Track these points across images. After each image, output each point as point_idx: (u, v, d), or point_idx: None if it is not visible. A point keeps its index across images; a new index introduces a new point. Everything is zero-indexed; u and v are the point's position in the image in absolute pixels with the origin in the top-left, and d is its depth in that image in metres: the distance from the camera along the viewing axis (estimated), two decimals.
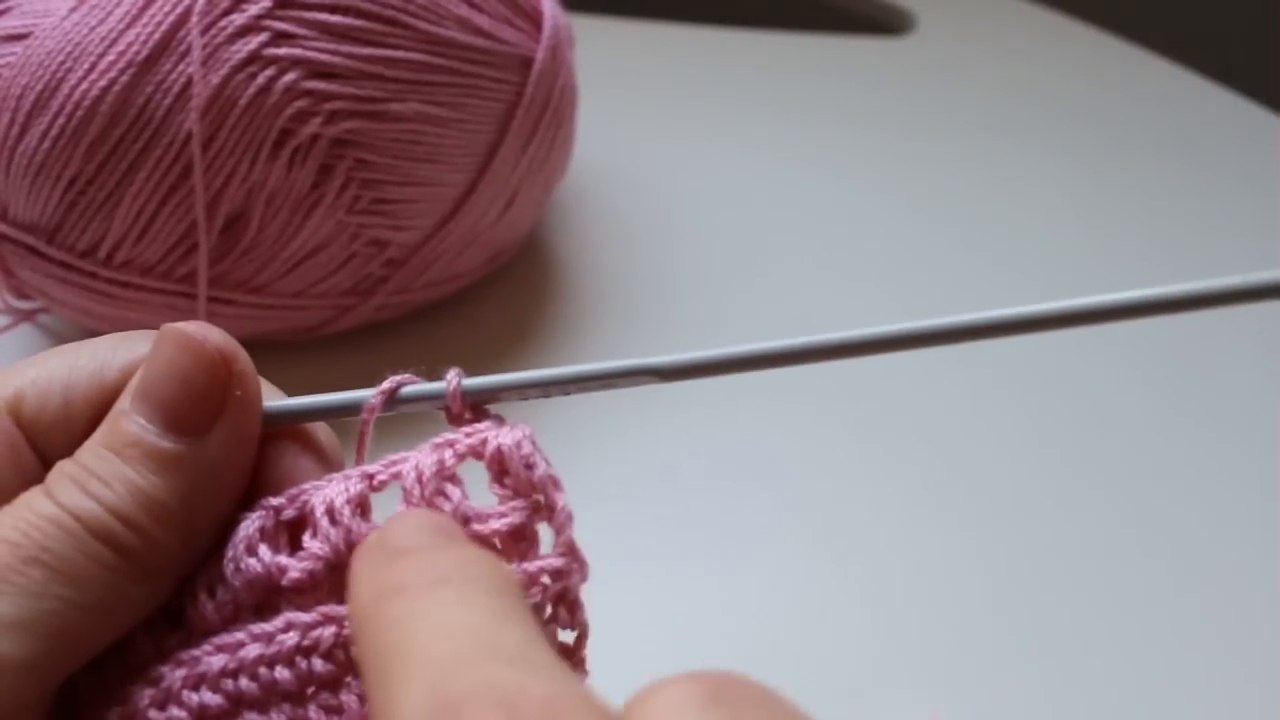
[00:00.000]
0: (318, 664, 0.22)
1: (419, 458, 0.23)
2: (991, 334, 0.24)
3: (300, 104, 0.45)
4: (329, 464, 0.25)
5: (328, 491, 0.23)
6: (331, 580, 0.23)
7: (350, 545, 0.22)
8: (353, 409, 0.24)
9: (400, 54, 0.47)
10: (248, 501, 0.24)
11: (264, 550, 0.23)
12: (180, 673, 0.22)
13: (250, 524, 0.23)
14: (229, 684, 0.22)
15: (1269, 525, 0.48)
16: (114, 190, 0.45)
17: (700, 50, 0.79)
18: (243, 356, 0.23)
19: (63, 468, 0.22)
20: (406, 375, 0.24)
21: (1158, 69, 0.79)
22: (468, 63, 0.49)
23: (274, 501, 0.23)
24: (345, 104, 0.46)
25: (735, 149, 0.69)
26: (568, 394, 0.24)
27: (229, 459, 0.23)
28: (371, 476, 0.23)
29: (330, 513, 0.23)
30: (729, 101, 0.74)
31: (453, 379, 0.24)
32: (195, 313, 0.48)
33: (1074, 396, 0.55)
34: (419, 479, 0.23)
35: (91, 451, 0.23)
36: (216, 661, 0.22)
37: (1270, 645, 0.44)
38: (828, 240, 0.63)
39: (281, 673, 0.22)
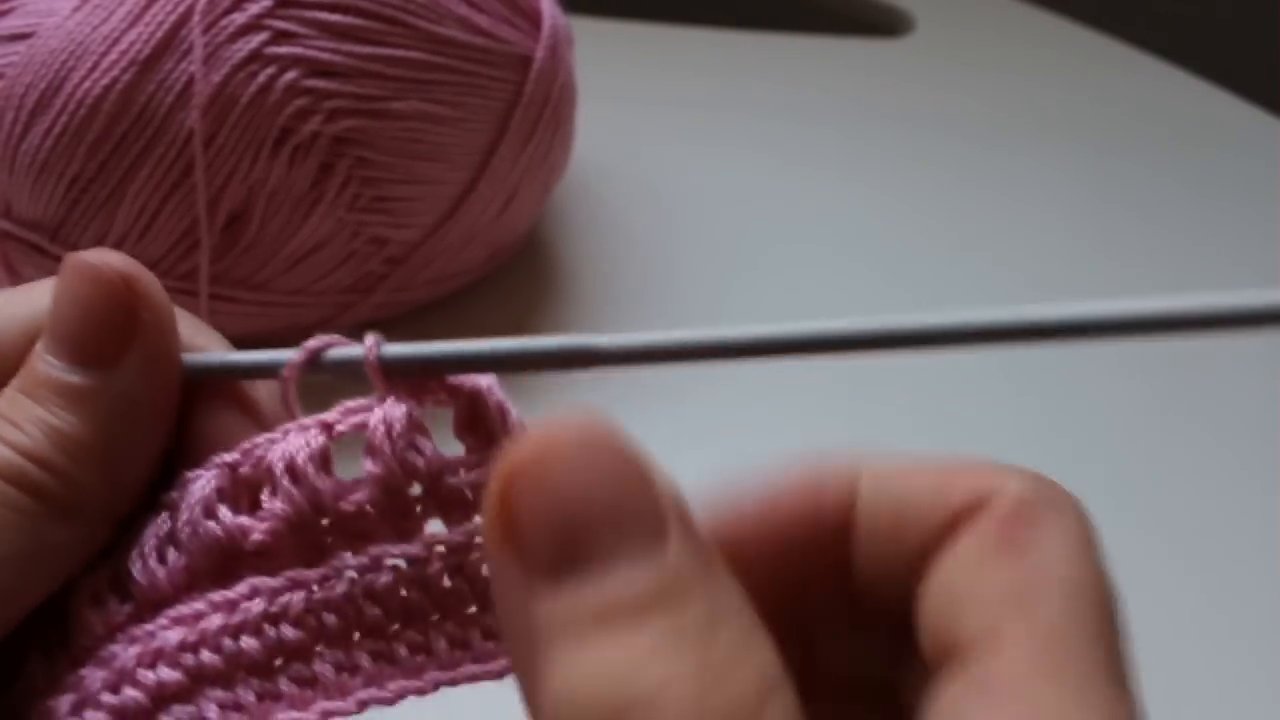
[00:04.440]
0: (287, 631, 0.20)
1: (387, 409, 0.21)
2: (991, 339, 0.21)
3: (301, 102, 0.46)
4: (267, 425, 0.23)
5: (286, 446, 0.21)
6: (295, 541, 0.21)
7: (315, 503, 0.21)
8: (273, 369, 0.22)
9: (400, 53, 0.48)
10: (186, 459, 0.22)
11: (224, 511, 0.21)
12: (134, 650, 0.20)
13: (204, 483, 0.21)
14: (188, 658, 0.20)
15: (1269, 524, 0.48)
16: (116, 188, 0.46)
17: (699, 51, 0.79)
18: (147, 278, 0.22)
19: None
20: (334, 337, 0.22)
21: (1156, 71, 0.79)
22: (467, 61, 0.49)
23: (228, 458, 0.21)
24: (345, 102, 0.47)
25: (733, 149, 0.70)
26: (501, 374, 0.22)
27: (145, 387, 0.21)
28: (330, 426, 0.22)
29: (291, 469, 0.21)
30: (727, 102, 0.74)
31: (371, 345, 0.21)
32: (197, 310, 0.48)
33: (1074, 395, 0.55)
34: (389, 432, 0.21)
35: (6, 398, 0.21)
36: (173, 636, 0.20)
37: (1271, 643, 0.44)
38: (826, 240, 0.64)
39: (247, 642, 0.20)
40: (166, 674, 0.20)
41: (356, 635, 0.21)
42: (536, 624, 0.17)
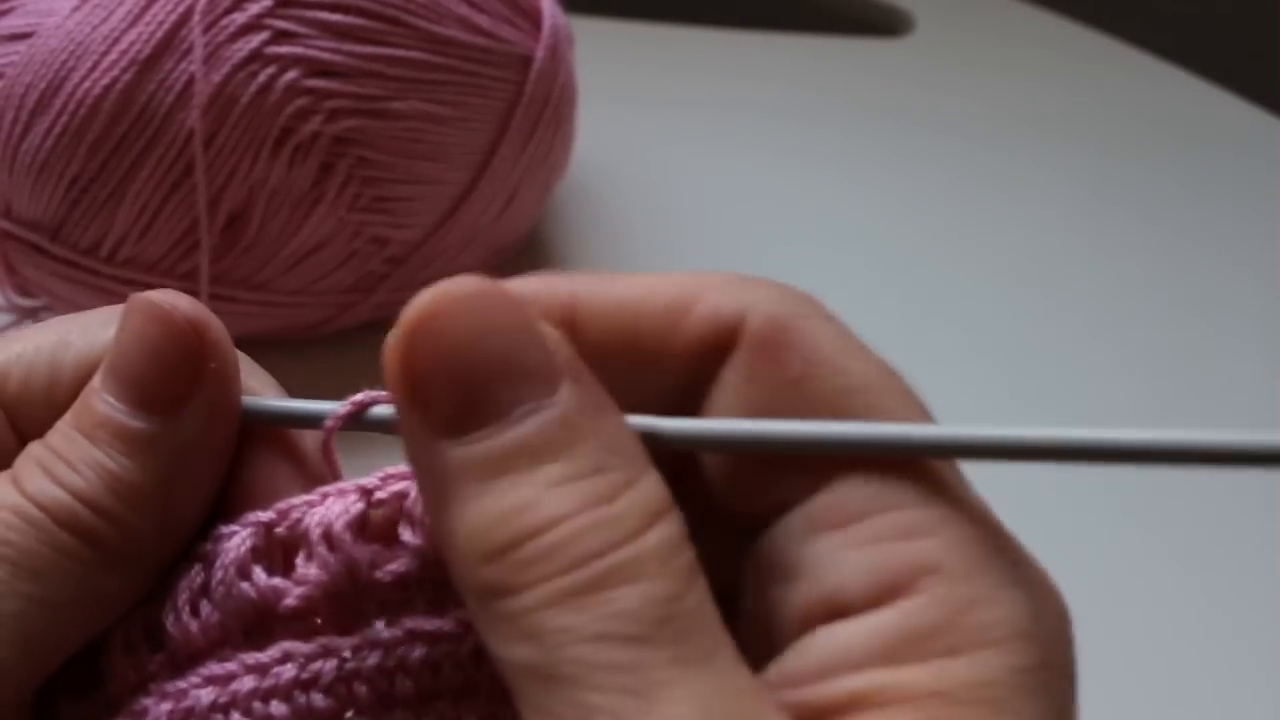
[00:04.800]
0: (317, 699, 0.20)
1: None
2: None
3: (301, 102, 0.46)
4: (308, 474, 0.22)
5: (325, 512, 0.21)
6: (330, 607, 0.21)
7: (351, 572, 0.21)
8: (316, 420, 0.22)
9: (401, 52, 0.48)
10: (225, 503, 0.22)
11: (258, 573, 0.21)
12: (165, 706, 0.20)
13: (240, 542, 0.21)
14: (218, 719, 0.20)
15: (1269, 524, 0.48)
16: (116, 188, 0.46)
17: (699, 51, 0.79)
18: (215, 325, 0.21)
19: (30, 451, 0.21)
20: (380, 393, 0.21)
21: (1156, 71, 0.79)
22: (468, 61, 0.49)
23: (263, 517, 0.21)
24: (346, 102, 0.46)
25: (734, 149, 0.70)
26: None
27: (206, 437, 0.21)
28: (370, 493, 0.21)
29: (328, 536, 0.21)
30: (727, 102, 0.74)
31: None
32: None
33: (1073, 395, 0.55)
34: None
35: (60, 433, 0.21)
36: (205, 695, 0.20)
37: (1271, 642, 0.44)
38: (826, 240, 0.64)
39: (277, 708, 0.20)
40: None
41: (387, 707, 0.20)
42: (444, 473, 0.18)
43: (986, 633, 0.17)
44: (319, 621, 0.21)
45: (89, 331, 0.22)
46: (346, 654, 0.20)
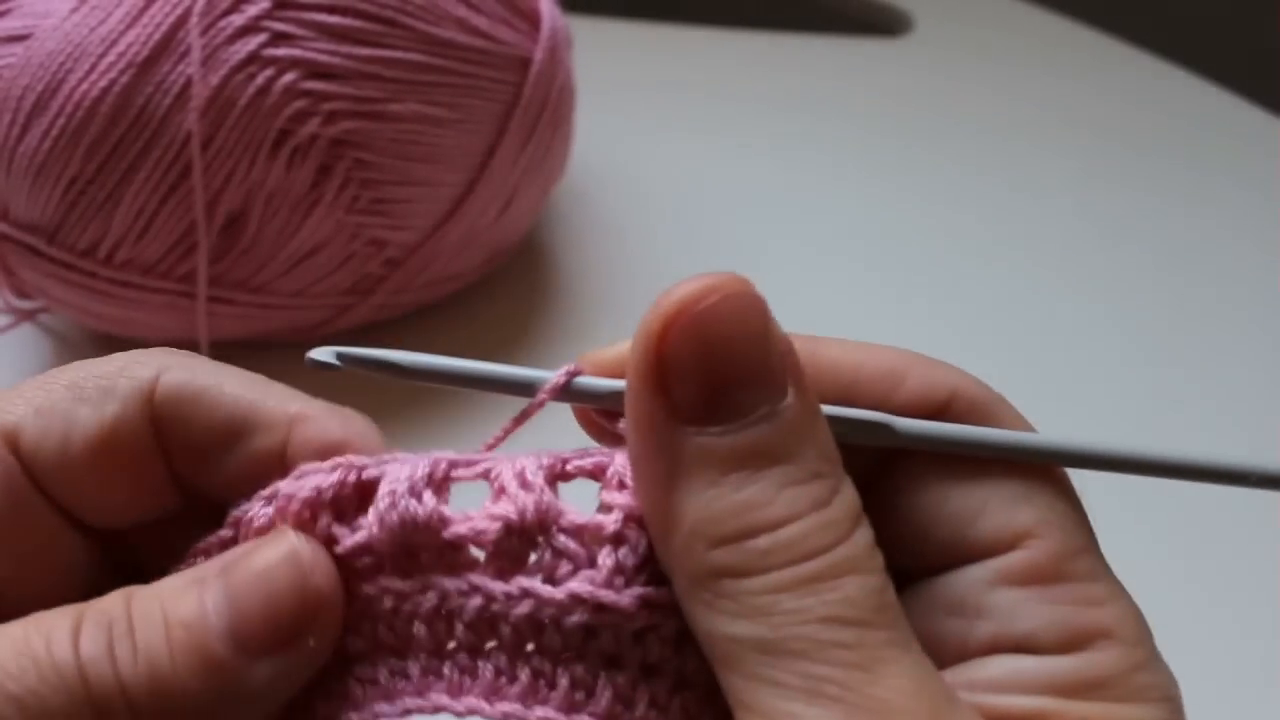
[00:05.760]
0: (459, 629, 0.22)
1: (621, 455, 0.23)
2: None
3: (299, 104, 0.46)
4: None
5: (520, 460, 0.23)
6: (503, 547, 0.22)
7: (539, 513, 0.22)
8: (527, 390, 0.24)
9: (398, 54, 0.47)
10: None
11: (428, 496, 0.22)
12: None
13: (412, 470, 0.22)
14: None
15: (1269, 523, 0.48)
16: (114, 190, 0.46)
17: (698, 51, 0.79)
18: (334, 604, 0.22)
19: (108, 606, 0.21)
20: (577, 365, 0.24)
21: (1156, 70, 0.79)
22: (466, 63, 0.49)
23: (445, 456, 0.23)
24: (344, 104, 0.46)
25: (733, 149, 0.70)
26: None
27: (263, 694, 0.21)
28: (565, 462, 0.23)
29: (521, 478, 0.22)
30: (727, 102, 0.74)
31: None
32: (195, 312, 0.48)
33: (1073, 394, 0.55)
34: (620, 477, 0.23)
35: (147, 604, 0.21)
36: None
37: (1271, 643, 0.44)
38: (825, 239, 0.64)
39: (419, 628, 0.22)
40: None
41: (522, 653, 0.22)
42: (679, 457, 0.21)
43: (1146, 692, 0.22)
44: (477, 561, 0.22)
45: (105, 383, 0.23)
46: (498, 598, 0.22)
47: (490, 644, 0.22)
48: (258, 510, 0.23)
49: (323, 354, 0.24)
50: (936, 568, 0.23)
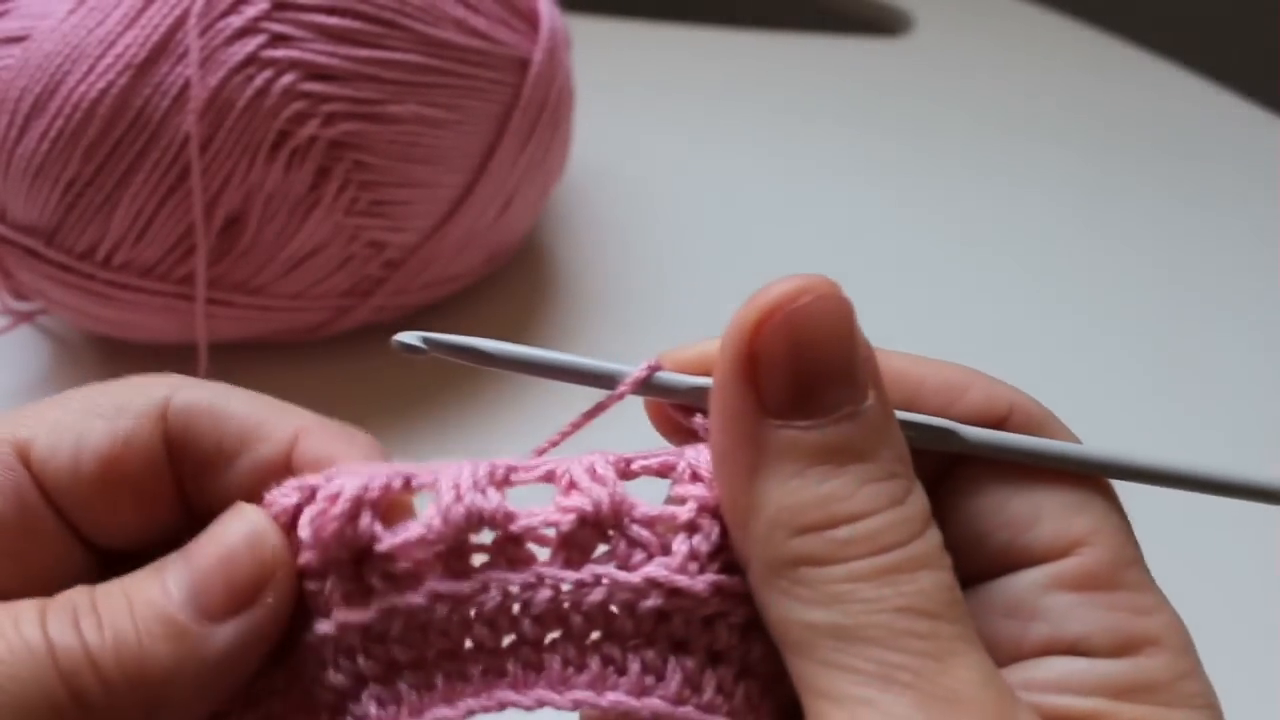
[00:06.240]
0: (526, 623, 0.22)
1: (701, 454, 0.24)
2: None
3: (298, 106, 0.46)
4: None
5: (587, 458, 0.23)
6: (579, 536, 0.23)
7: (615, 506, 0.22)
8: (608, 382, 0.24)
9: (397, 56, 0.47)
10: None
11: (492, 492, 0.23)
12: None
13: (474, 469, 0.23)
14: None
15: (1269, 522, 0.48)
16: (112, 192, 0.46)
17: (698, 51, 0.79)
18: (289, 561, 0.23)
19: (70, 595, 0.22)
20: (657, 360, 0.24)
21: (1156, 69, 0.79)
22: (464, 64, 0.49)
23: (502, 460, 0.23)
24: (343, 106, 0.46)
25: (732, 149, 0.70)
26: None
27: (229, 656, 0.22)
28: (629, 462, 0.24)
29: (593, 472, 0.23)
30: (726, 102, 0.74)
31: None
32: (194, 314, 0.48)
33: (1076, 392, 0.55)
34: (697, 470, 0.23)
35: (111, 589, 0.22)
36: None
37: (1270, 643, 0.44)
38: (825, 238, 0.63)
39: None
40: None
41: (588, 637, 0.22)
42: (765, 448, 0.22)
43: (1192, 699, 0.22)
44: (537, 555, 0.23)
45: (116, 402, 0.23)
46: (567, 587, 0.22)
47: (553, 636, 0.22)
48: (288, 500, 0.23)
49: (409, 337, 0.25)
50: (993, 571, 0.24)
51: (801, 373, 0.22)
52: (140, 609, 0.21)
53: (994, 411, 0.25)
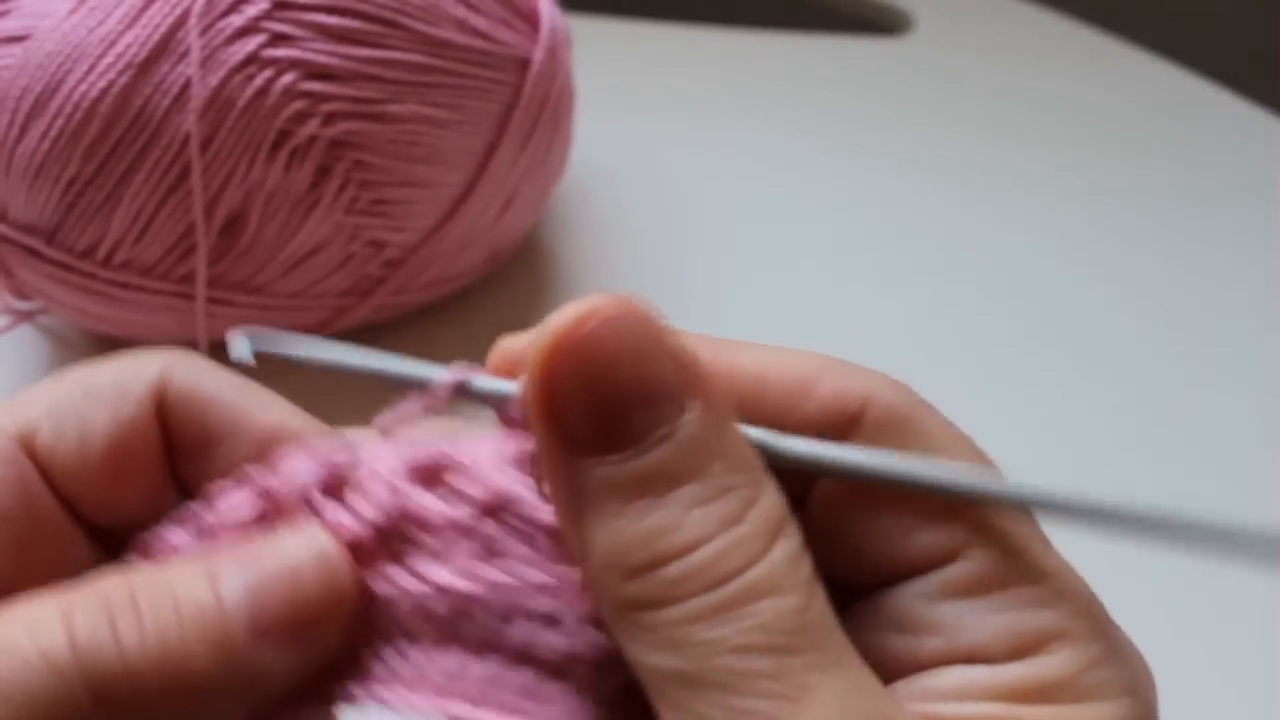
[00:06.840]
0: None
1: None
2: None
3: (298, 105, 0.46)
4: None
5: (478, 444, 0.22)
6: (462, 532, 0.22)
7: (503, 500, 0.22)
8: (416, 384, 0.23)
9: (398, 55, 0.47)
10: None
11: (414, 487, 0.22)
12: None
13: (390, 452, 0.22)
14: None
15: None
16: (113, 191, 0.46)
17: (698, 51, 0.79)
18: (357, 601, 0.21)
19: (107, 591, 0.20)
20: (475, 365, 0.23)
21: (1157, 70, 0.79)
22: (465, 64, 0.49)
23: (425, 450, 0.22)
24: (343, 105, 0.46)
25: (733, 149, 0.70)
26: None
27: (275, 679, 0.21)
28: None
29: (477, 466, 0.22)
30: (727, 102, 0.74)
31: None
32: (194, 313, 0.48)
33: (1075, 395, 0.55)
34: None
35: (154, 585, 0.20)
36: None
37: (1270, 643, 0.44)
38: (825, 238, 0.63)
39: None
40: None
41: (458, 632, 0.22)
42: (582, 490, 0.20)
43: (1103, 689, 0.21)
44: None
45: (118, 382, 0.23)
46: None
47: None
48: (237, 500, 0.23)
49: (241, 347, 0.24)
50: (880, 581, 0.22)
51: (600, 403, 0.20)
52: (189, 611, 0.20)
53: (845, 408, 0.22)
